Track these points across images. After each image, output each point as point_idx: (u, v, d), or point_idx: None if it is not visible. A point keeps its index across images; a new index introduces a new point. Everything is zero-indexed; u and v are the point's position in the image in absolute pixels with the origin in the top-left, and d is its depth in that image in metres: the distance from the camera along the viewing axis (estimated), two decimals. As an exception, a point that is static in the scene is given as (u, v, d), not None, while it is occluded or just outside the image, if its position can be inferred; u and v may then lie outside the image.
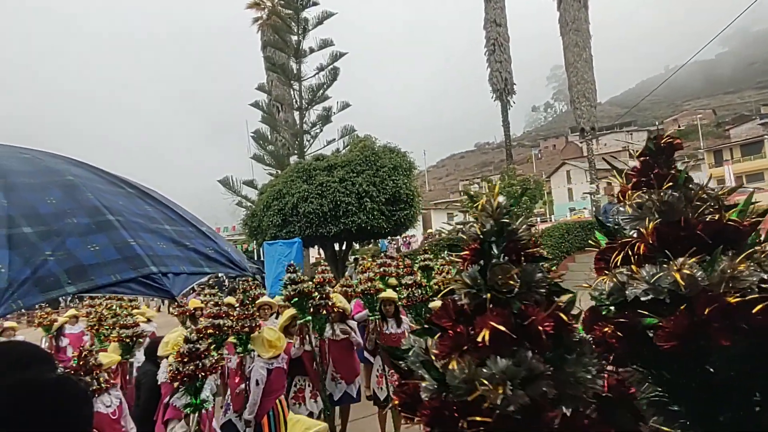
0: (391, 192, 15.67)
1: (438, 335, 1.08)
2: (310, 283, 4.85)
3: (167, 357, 3.65)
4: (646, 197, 1.27)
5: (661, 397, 1.15)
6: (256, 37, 28.46)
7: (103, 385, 3.14)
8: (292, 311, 4.74)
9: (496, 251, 1.04)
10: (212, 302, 4.87)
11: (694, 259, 1.11)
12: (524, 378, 0.89)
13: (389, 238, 22.02)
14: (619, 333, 1.13)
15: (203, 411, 3.27)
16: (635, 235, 1.24)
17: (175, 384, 3.15)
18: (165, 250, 1.52)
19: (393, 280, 5.92)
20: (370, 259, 9.55)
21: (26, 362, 0.90)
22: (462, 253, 1.11)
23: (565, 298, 1.06)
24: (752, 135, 45.70)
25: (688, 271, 1.07)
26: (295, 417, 2.90)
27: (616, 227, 1.33)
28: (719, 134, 59.01)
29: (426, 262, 7.66)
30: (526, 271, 1.02)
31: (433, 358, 1.04)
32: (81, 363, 3.07)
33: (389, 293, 5.21)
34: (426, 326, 1.14)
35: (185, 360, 3.11)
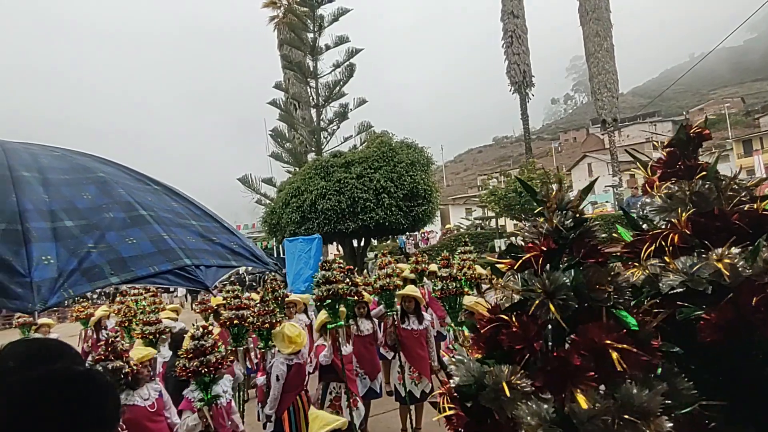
0: (409, 188, 15.61)
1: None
2: (344, 284, 4.46)
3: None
4: (676, 188, 1.23)
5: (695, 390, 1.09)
6: (273, 36, 28.69)
7: (134, 367, 3.21)
8: (324, 317, 4.46)
9: (573, 251, 0.94)
10: (234, 296, 4.96)
11: (735, 249, 1.05)
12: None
13: (407, 234, 21.98)
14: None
15: (218, 405, 3.33)
16: (666, 227, 1.19)
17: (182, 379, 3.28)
18: (195, 244, 1.57)
19: (407, 272, 5.81)
20: (388, 256, 9.55)
21: (55, 356, 0.91)
22: (525, 255, 0.98)
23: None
24: (784, 123, 44.03)
25: (729, 261, 1.02)
26: (315, 412, 2.91)
27: (642, 220, 1.28)
28: (748, 123, 56.96)
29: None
30: (617, 274, 0.93)
31: (523, 391, 0.91)
32: (109, 349, 3.12)
33: (409, 289, 5.19)
34: (493, 351, 1.01)
35: (190, 356, 3.20)
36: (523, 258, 0.98)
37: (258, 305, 4.60)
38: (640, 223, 1.29)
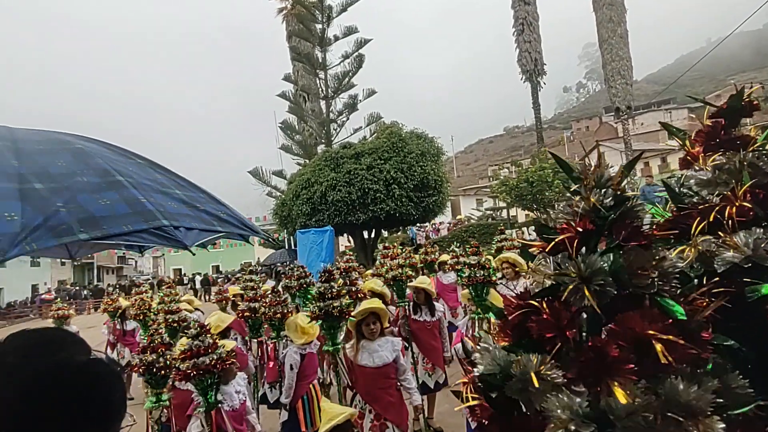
0: (419, 178, 15.53)
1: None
2: (344, 299, 3.75)
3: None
4: (726, 159, 1.16)
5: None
6: (282, 27, 28.59)
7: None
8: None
9: (613, 233, 0.87)
10: (249, 287, 4.98)
11: None
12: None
13: (418, 225, 21.92)
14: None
15: (225, 409, 3.03)
16: (717, 201, 1.11)
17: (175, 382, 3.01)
18: (176, 208, 1.59)
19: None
20: (399, 247, 9.53)
21: (58, 346, 0.89)
22: (560, 236, 0.90)
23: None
24: (804, 109, 42.80)
25: None
26: (325, 403, 2.88)
27: (686, 195, 1.20)
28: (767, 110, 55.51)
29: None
30: (662, 258, 0.85)
31: (551, 382, 0.85)
32: (149, 342, 3.05)
33: (421, 281, 5.15)
34: (521, 341, 0.94)
35: (183, 357, 2.82)
36: (557, 240, 0.90)
37: (270, 295, 4.60)
38: (684, 199, 1.21)
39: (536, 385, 0.82)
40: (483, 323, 3.71)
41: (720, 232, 1.06)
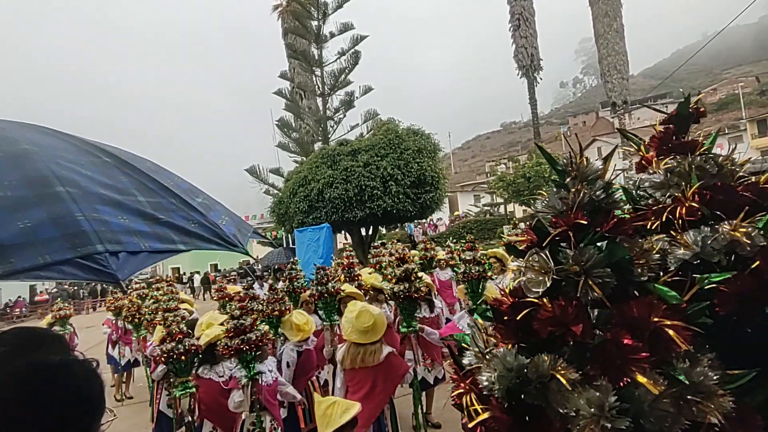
0: (416, 175, 15.54)
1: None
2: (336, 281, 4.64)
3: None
4: (675, 163, 1.22)
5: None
6: (278, 25, 28.48)
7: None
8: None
9: (597, 225, 0.89)
10: (248, 287, 4.99)
11: (739, 220, 1.04)
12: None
13: (416, 221, 21.95)
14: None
15: (260, 382, 3.39)
16: (669, 202, 1.17)
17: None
18: (124, 224, 1.35)
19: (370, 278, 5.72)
20: (399, 243, 9.57)
21: (34, 346, 0.88)
22: (556, 229, 0.91)
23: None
24: (799, 103, 42.92)
25: (745, 230, 1.00)
26: (330, 399, 2.86)
27: (641, 197, 1.26)
28: (763, 103, 55.65)
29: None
30: (648, 249, 0.88)
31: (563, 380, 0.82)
32: (178, 329, 3.46)
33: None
34: (527, 340, 0.92)
35: (231, 335, 3.31)
36: (553, 234, 0.91)
37: (266, 293, 4.61)
38: (638, 199, 1.27)
39: (566, 385, 0.80)
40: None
41: (672, 231, 1.11)
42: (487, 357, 0.92)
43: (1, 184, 1.22)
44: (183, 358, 3.43)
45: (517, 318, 0.90)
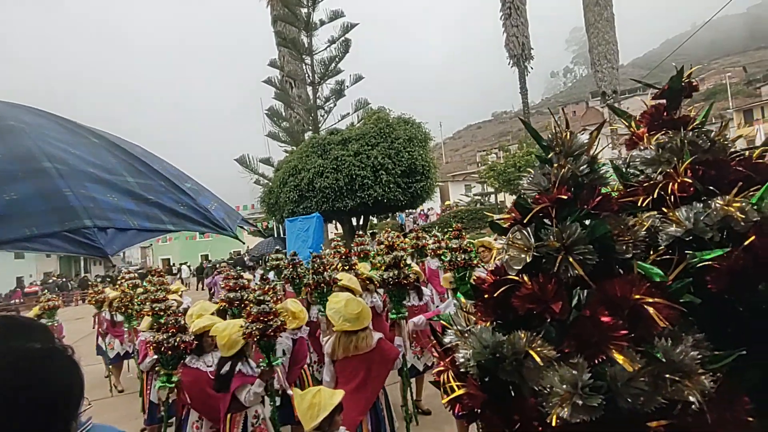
0: (407, 164, 15.51)
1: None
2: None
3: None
4: (667, 139, 1.19)
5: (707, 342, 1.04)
6: (267, 12, 28.01)
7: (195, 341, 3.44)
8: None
9: (583, 201, 0.87)
10: (233, 276, 4.97)
11: (732, 195, 1.01)
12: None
13: (407, 211, 21.96)
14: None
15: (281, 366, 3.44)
16: (660, 178, 1.14)
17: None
18: (113, 203, 1.33)
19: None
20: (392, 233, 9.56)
21: (15, 334, 0.87)
22: (537, 205, 0.89)
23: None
24: (786, 92, 43.43)
25: (739, 206, 0.97)
26: (312, 389, 2.84)
27: (632, 174, 1.24)
28: (749, 93, 56.18)
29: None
30: (633, 225, 0.86)
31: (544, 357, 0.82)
32: (173, 322, 3.39)
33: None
34: (505, 319, 0.91)
35: (254, 320, 3.20)
36: (535, 209, 0.90)
37: (258, 283, 4.60)
38: (629, 176, 1.25)
39: (539, 362, 0.80)
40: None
41: (663, 208, 1.09)
42: (465, 335, 0.92)
43: None
44: (170, 353, 3.41)
45: (494, 295, 0.90)
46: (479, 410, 0.92)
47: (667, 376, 0.78)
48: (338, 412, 2.55)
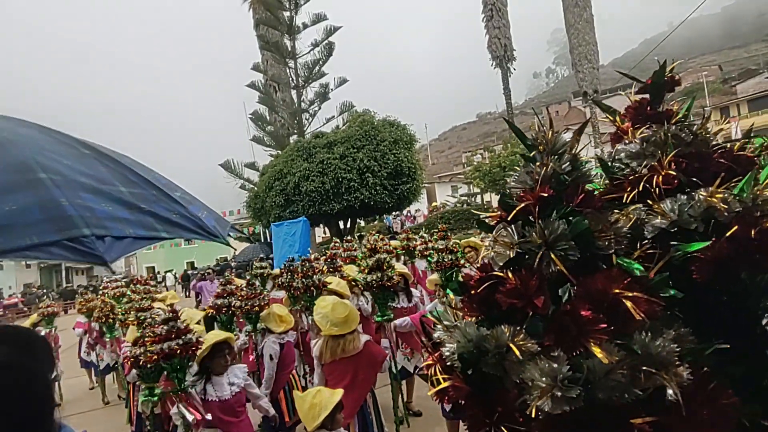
0: (393, 166, 15.54)
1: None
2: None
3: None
4: (652, 132, 1.22)
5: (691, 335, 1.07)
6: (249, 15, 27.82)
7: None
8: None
9: (567, 198, 0.89)
10: (225, 283, 4.91)
11: (715, 186, 1.04)
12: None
13: (394, 213, 21.99)
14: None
15: (211, 399, 3.08)
16: (645, 171, 1.17)
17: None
18: (108, 212, 1.37)
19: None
20: (376, 235, 9.57)
21: None
22: (521, 203, 0.92)
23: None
24: (759, 90, 44.64)
25: (721, 197, 1.00)
26: (312, 390, 2.83)
27: (617, 168, 1.27)
28: (726, 91, 57.66)
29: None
30: (616, 221, 0.88)
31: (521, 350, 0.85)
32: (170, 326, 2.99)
33: (399, 267, 5.19)
34: (489, 314, 0.94)
35: (154, 341, 2.90)
36: (519, 207, 0.92)
37: (244, 290, 4.55)
38: (614, 170, 1.27)
39: (518, 355, 0.82)
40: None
41: (649, 200, 1.11)
42: (451, 330, 0.93)
43: None
44: (148, 366, 3.12)
45: (478, 290, 0.92)
46: (463, 402, 0.94)
47: (644, 368, 0.79)
48: (339, 411, 2.56)
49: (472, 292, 0.94)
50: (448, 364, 0.97)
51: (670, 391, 0.77)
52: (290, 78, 24.25)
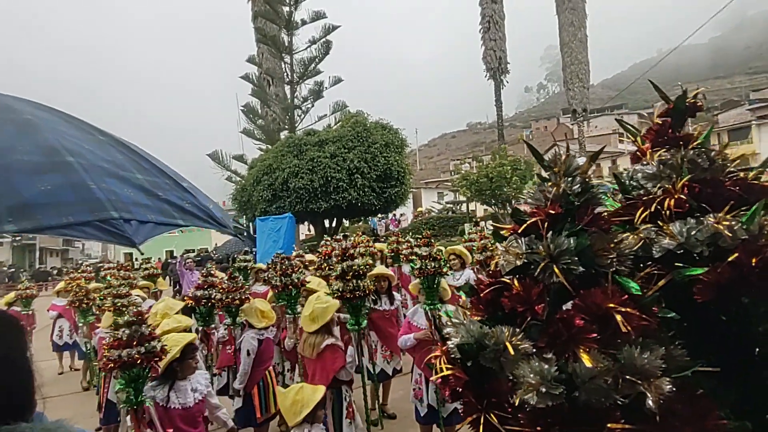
0: (383, 169, 15.59)
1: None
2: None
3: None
4: (669, 156, 1.28)
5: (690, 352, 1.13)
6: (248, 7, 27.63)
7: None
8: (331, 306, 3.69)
9: (577, 218, 0.96)
10: (204, 274, 4.87)
11: (723, 213, 1.10)
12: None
13: (379, 215, 22.02)
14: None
15: (174, 406, 2.81)
16: (659, 193, 1.23)
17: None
18: (131, 197, 1.43)
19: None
20: (363, 236, 9.58)
21: None
22: (529, 219, 1.00)
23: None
24: (740, 120, 46.02)
25: (728, 224, 1.06)
26: (294, 386, 2.84)
27: (633, 188, 1.32)
28: (708, 119, 59.36)
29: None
30: (620, 241, 0.95)
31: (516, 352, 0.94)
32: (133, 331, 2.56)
33: (382, 269, 5.22)
34: (490, 313, 1.03)
35: (112, 346, 2.53)
36: (528, 222, 1.00)
37: (226, 282, 4.53)
38: (631, 190, 1.33)
39: (511, 353, 0.91)
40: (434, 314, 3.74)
41: (659, 221, 1.18)
42: (457, 326, 1.01)
43: (16, 149, 1.30)
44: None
45: (483, 294, 1.00)
46: (461, 389, 1.03)
47: (627, 377, 0.86)
48: (320, 407, 2.58)
49: (481, 294, 1.02)
50: (452, 356, 1.05)
51: (650, 401, 0.83)
52: (285, 73, 24.13)
